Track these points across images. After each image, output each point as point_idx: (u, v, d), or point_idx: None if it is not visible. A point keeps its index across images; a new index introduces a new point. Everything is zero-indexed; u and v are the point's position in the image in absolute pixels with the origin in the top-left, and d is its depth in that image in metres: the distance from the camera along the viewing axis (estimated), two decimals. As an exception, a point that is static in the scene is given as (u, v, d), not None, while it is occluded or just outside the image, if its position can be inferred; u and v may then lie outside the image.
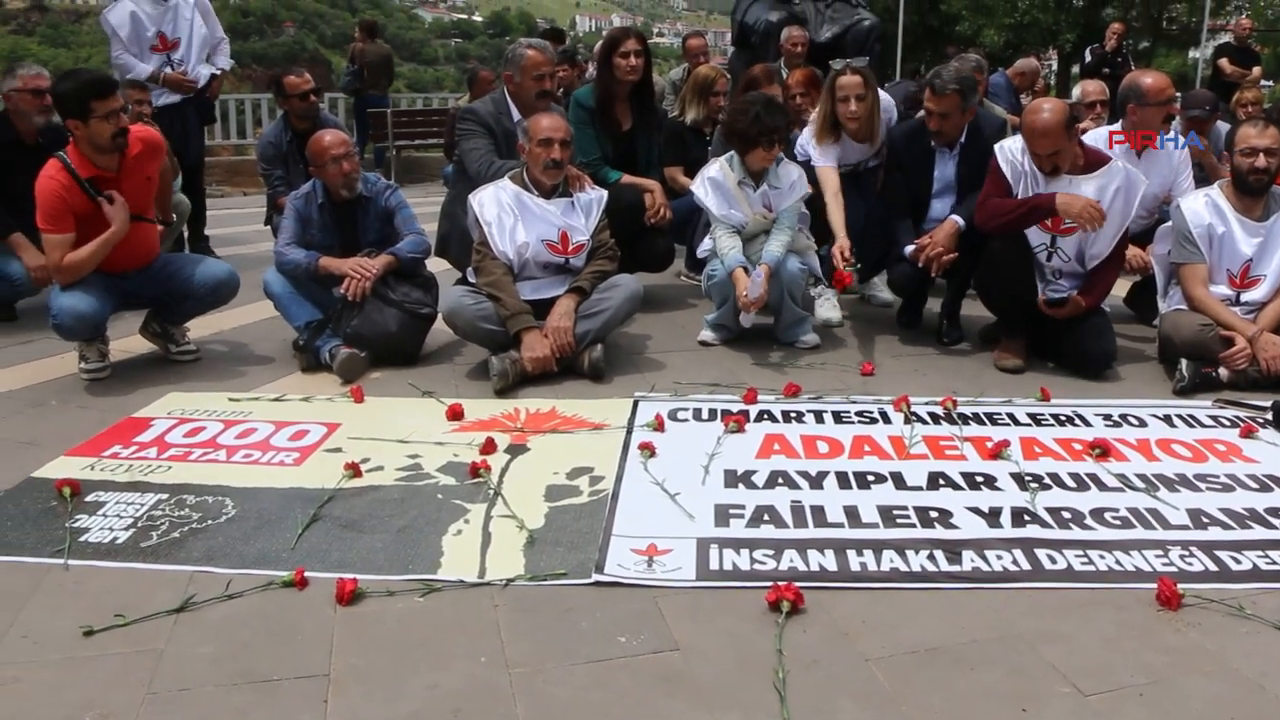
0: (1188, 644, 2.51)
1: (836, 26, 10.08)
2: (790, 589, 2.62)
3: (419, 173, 14.21)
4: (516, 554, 2.93)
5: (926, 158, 5.27)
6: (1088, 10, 28.18)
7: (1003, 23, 26.75)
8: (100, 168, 4.52)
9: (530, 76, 5.31)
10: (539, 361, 4.45)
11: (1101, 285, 4.80)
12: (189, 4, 7.37)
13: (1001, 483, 3.45)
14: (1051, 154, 4.57)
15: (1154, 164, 5.40)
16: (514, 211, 4.64)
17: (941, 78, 5.06)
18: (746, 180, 5.00)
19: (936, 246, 4.92)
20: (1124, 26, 14.09)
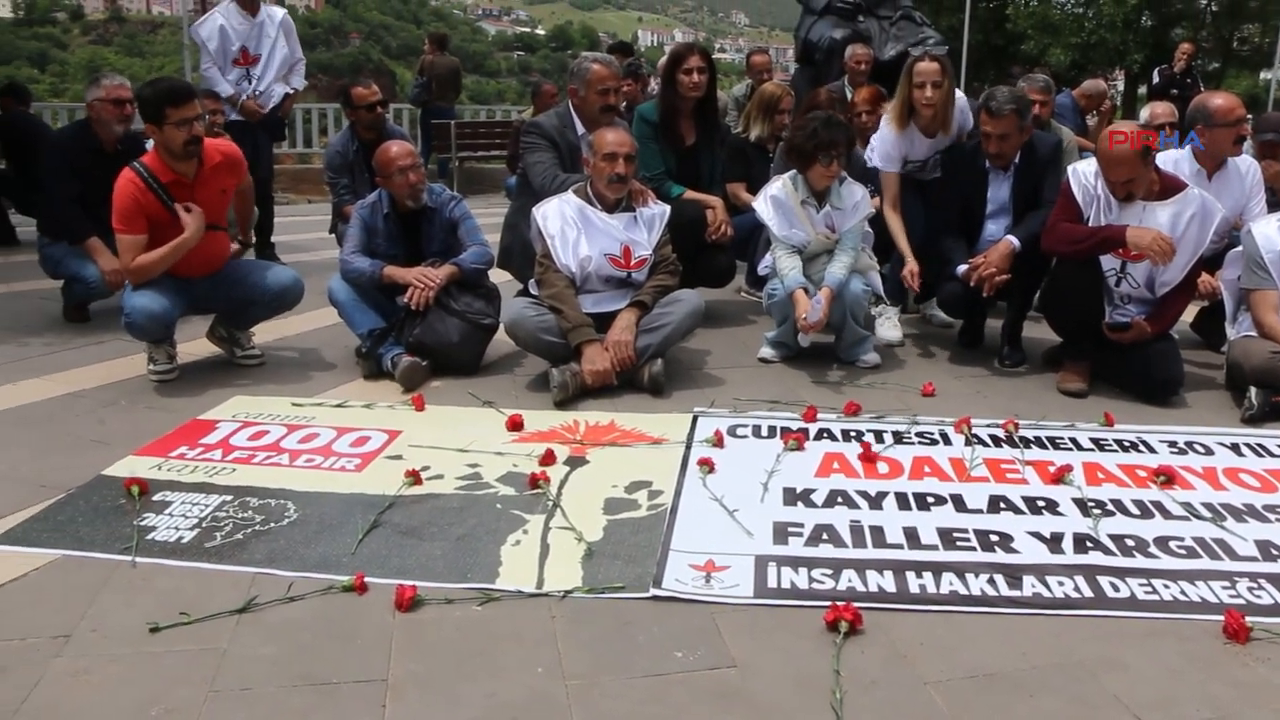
0: (1255, 679, 2.46)
1: (901, 44, 10.06)
2: (849, 609, 2.61)
3: (481, 184, 14.33)
4: (574, 566, 2.94)
5: (980, 178, 5.24)
6: (1156, 30, 27.86)
7: (1069, 42, 26.51)
8: (177, 173, 4.63)
9: (595, 91, 5.35)
10: (599, 374, 4.47)
11: (1170, 312, 4.73)
12: (274, 23, 7.62)
13: (1064, 508, 3.40)
14: (1126, 182, 4.52)
15: (1225, 187, 5.32)
16: (577, 225, 4.67)
17: (997, 99, 5.01)
18: (810, 200, 4.99)
19: (990, 266, 4.87)
20: (1193, 47, 13.89)
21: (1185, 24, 29.00)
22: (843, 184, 5.05)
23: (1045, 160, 5.19)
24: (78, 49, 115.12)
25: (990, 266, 4.87)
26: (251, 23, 7.54)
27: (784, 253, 4.99)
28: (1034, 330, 5.36)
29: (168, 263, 4.60)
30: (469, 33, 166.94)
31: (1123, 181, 4.51)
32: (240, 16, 7.51)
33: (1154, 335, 4.66)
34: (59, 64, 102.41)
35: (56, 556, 2.99)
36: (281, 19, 7.76)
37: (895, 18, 10.38)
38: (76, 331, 5.65)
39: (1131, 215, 4.58)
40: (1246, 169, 5.51)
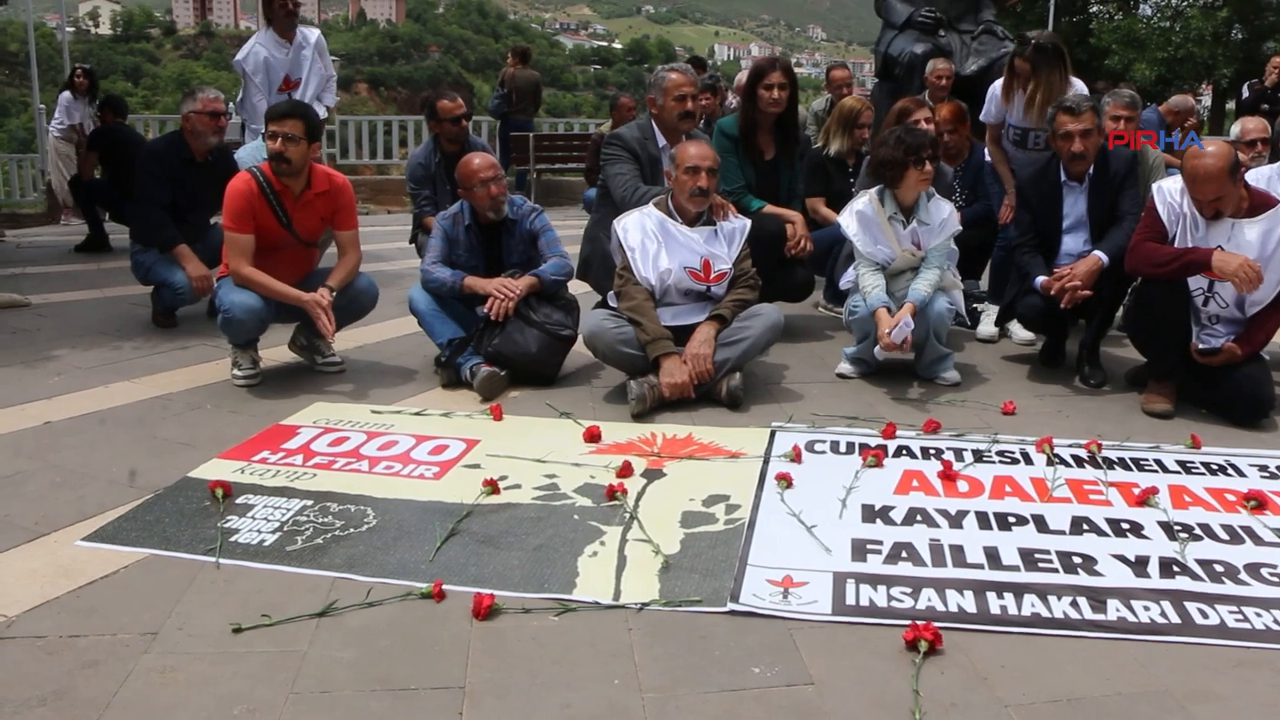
0: (1351, 712, 2.39)
1: (982, 59, 9.97)
2: (929, 628, 2.58)
3: (558, 196, 14.42)
4: (652, 578, 2.94)
5: (1055, 193, 5.19)
6: (1247, 43, 27.21)
7: (1155, 57, 26.03)
8: (283, 185, 4.80)
9: (672, 97, 5.36)
10: (677, 387, 4.48)
11: (1262, 333, 4.58)
12: (310, 45, 7.81)
13: (1149, 531, 3.33)
14: (1214, 200, 4.42)
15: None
16: (658, 238, 4.68)
17: (1071, 99, 5.03)
18: (897, 216, 4.96)
19: (1075, 279, 4.80)
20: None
21: (1277, 37, 28.29)
22: (930, 199, 5.02)
23: (1121, 173, 5.12)
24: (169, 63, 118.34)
25: (1075, 279, 4.80)
26: (290, 48, 7.73)
27: (867, 269, 4.96)
28: (1116, 349, 5.26)
29: (268, 291, 4.74)
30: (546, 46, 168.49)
31: (1210, 200, 4.42)
32: (278, 44, 7.69)
33: (1245, 357, 4.55)
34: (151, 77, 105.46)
35: (145, 555, 3.07)
36: (316, 40, 7.96)
37: (977, 32, 10.29)
38: (165, 336, 5.80)
39: (1219, 233, 4.47)
40: (1344, 186, 5.36)
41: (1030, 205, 5.26)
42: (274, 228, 4.78)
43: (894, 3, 10.52)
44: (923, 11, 10.14)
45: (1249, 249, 4.40)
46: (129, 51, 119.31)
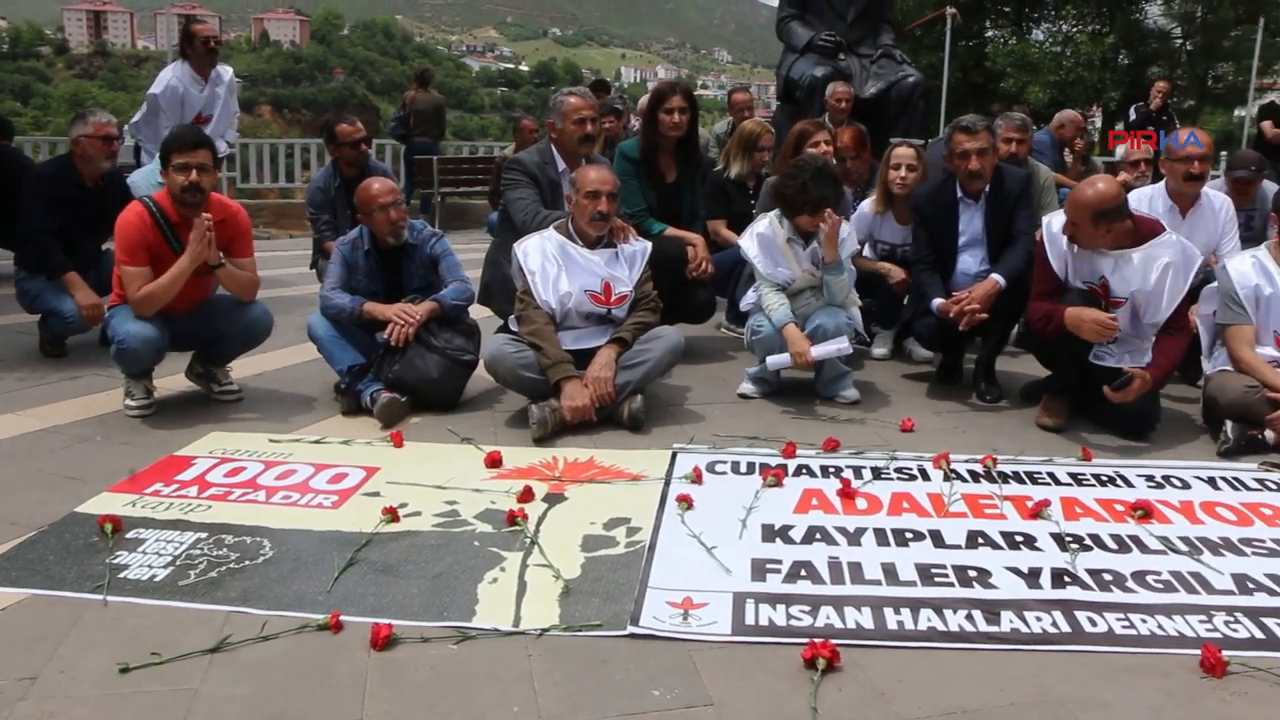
0: (1233, 713, 2.47)
1: (881, 82, 10.15)
2: (826, 646, 2.60)
3: (464, 219, 14.36)
4: (552, 604, 2.93)
5: (951, 211, 5.31)
6: (1133, 69, 28.23)
7: (1047, 80, 26.84)
8: (181, 217, 4.67)
9: (572, 121, 5.37)
10: (578, 411, 4.47)
11: (1168, 358, 4.67)
12: (224, 83, 7.75)
13: (1041, 543, 3.40)
14: (1072, 225, 4.57)
15: (1200, 223, 5.39)
16: (558, 261, 4.68)
17: (968, 118, 5.16)
18: (795, 238, 5.02)
19: (972, 302, 4.91)
20: (1169, 85, 14.03)
21: (1161, 63, 29.43)
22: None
23: (1015, 192, 5.27)
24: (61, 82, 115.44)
25: (973, 302, 4.90)
26: (206, 85, 7.68)
27: (769, 289, 5.00)
28: (1011, 365, 5.38)
29: (173, 290, 4.60)
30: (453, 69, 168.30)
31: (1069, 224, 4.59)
32: (195, 80, 7.63)
33: (1155, 383, 4.59)
34: (42, 97, 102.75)
35: (26, 596, 2.95)
36: (229, 79, 7.93)
37: (876, 56, 10.49)
38: (53, 366, 5.61)
39: (1105, 263, 4.61)
40: (1220, 205, 5.58)
41: (927, 223, 5.37)
42: (169, 259, 4.64)
43: (795, 27, 10.67)
44: (823, 36, 10.30)
45: (1134, 278, 4.55)
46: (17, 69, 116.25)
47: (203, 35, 7.73)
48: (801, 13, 10.68)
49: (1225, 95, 30.86)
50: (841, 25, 10.58)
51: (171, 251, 4.65)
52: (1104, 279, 4.62)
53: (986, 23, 31.18)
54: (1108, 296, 4.62)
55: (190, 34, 7.77)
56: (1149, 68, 28.26)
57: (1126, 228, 4.60)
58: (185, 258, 4.58)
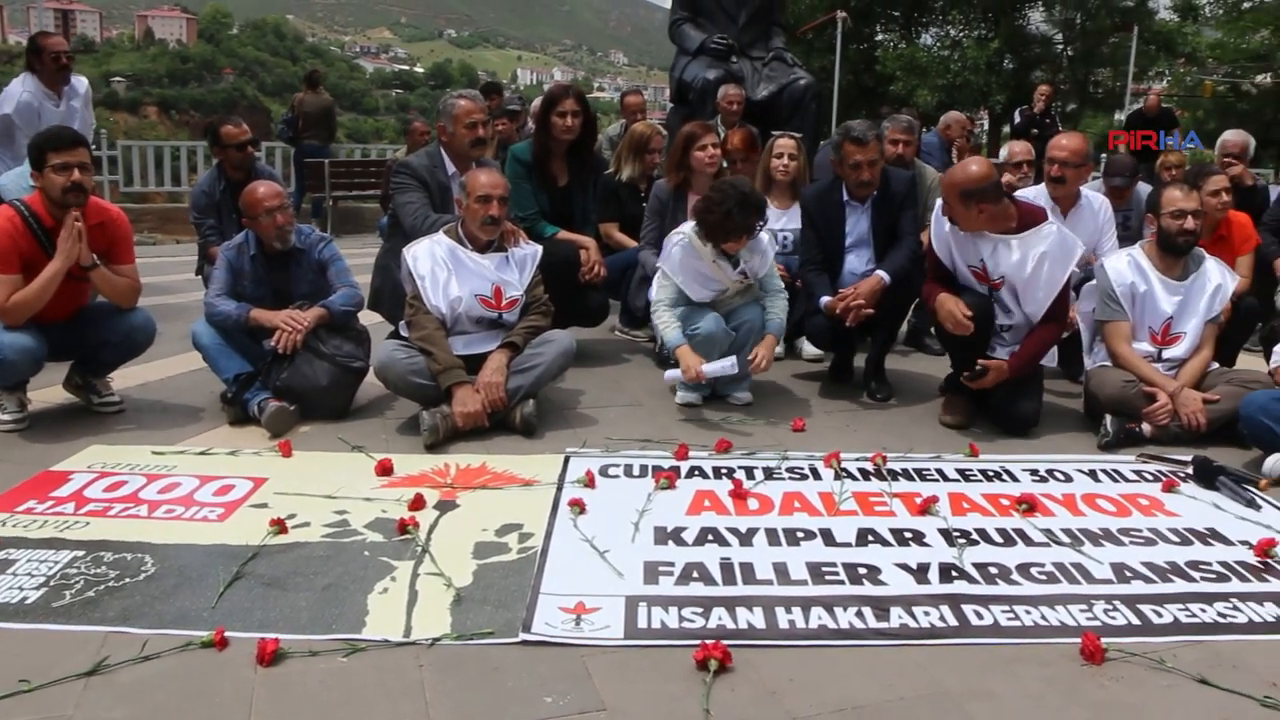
0: (1110, 698, 2.54)
1: (773, 85, 10.23)
2: (718, 647, 2.61)
3: (356, 223, 14.15)
4: (443, 612, 2.89)
5: (838, 213, 5.39)
6: (1017, 73, 29.02)
7: (935, 84, 27.49)
8: (57, 220, 4.49)
9: (463, 125, 5.32)
10: (470, 416, 4.43)
11: (1030, 348, 4.82)
12: (80, 95, 7.29)
13: (930, 539, 3.47)
14: (947, 206, 4.72)
15: (1079, 223, 5.53)
16: (448, 266, 4.63)
17: (857, 129, 5.18)
18: (721, 257, 5.03)
19: (858, 298, 4.98)
20: (1051, 89, 14.46)
21: (1044, 68, 30.29)
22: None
23: (901, 194, 5.37)
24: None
25: (858, 298, 4.98)
26: (61, 100, 7.16)
27: (664, 307, 4.98)
28: (902, 364, 5.47)
29: (43, 299, 4.44)
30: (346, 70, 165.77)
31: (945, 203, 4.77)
32: (48, 95, 7.09)
33: (1013, 374, 4.73)
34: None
35: (-117, 627, 2.80)
36: (85, 90, 7.41)
37: (768, 59, 10.56)
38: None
39: (985, 246, 4.75)
40: (1099, 206, 5.75)
41: (815, 224, 5.44)
42: (43, 264, 4.48)
43: (687, 30, 10.71)
44: (715, 38, 10.35)
45: (1012, 263, 4.69)
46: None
47: (52, 51, 7.08)
48: (693, 16, 10.72)
49: (1105, 99, 31.86)
50: (733, 28, 10.65)
51: (46, 257, 4.48)
52: (984, 262, 4.78)
53: (877, 27, 31.80)
54: (988, 278, 4.78)
55: (39, 48, 7.14)
56: (1032, 72, 29.08)
57: (1006, 211, 4.72)
58: (57, 258, 4.42)
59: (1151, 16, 30.01)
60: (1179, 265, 4.89)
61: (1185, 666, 2.67)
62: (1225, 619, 2.97)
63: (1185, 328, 4.86)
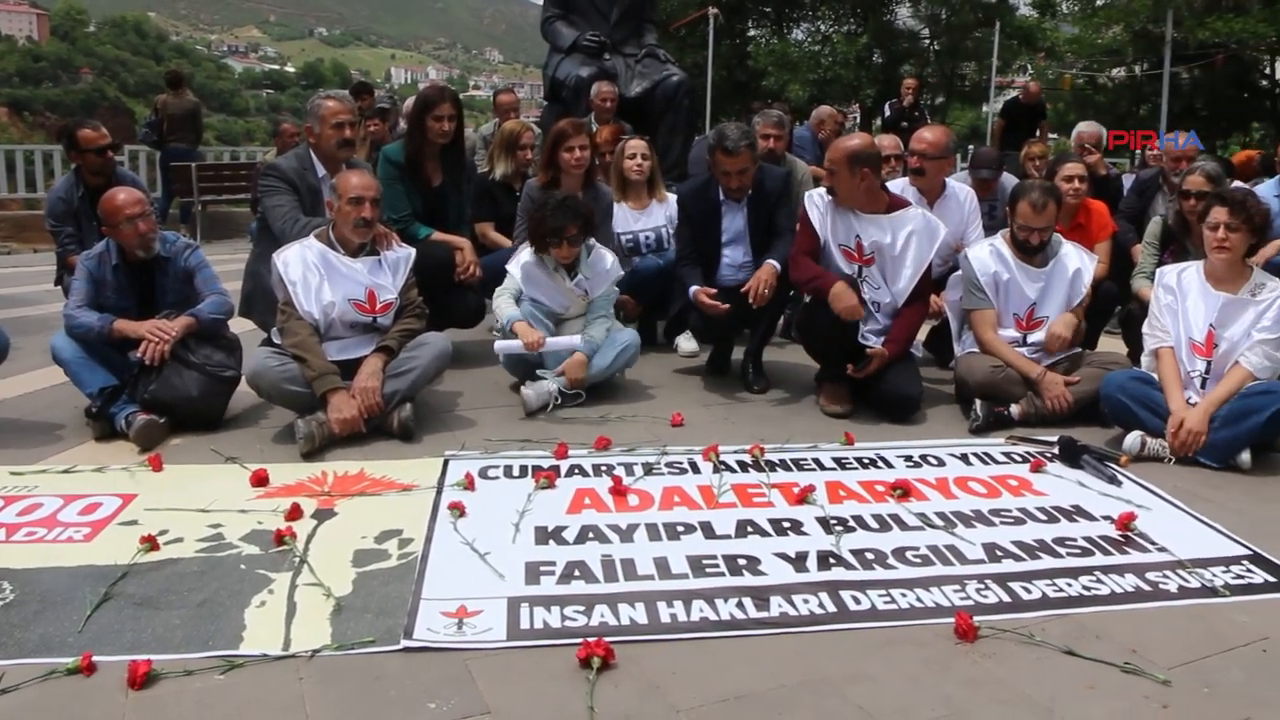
0: (983, 674, 2.62)
1: (646, 82, 10.29)
2: (600, 644, 2.62)
3: (227, 228, 13.79)
4: (323, 623, 2.84)
5: (714, 211, 5.45)
6: (886, 67, 29.65)
7: (807, 78, 27.92)
8: None
9: (330, 126, 5.24)
10: (346, 423, 4.36)
11: (901, 330, 5.00)
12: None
13: (808, 527, 3.53)
14: (829, 174, 4.90)
15: (945, 213, 5.69)
16: (320, 270, 4.55)
17: (730, 138, 5.21)
18: (559, 268, 5.14)
19: (761, 282, 5.05)
20: (917, 82, 14.80)
21: (912, 62, 30.99)
22: (591, 253, 5.23)
23: (777, 192, 5.45)
24: None
25: (761, 282, 5.04)
26: None
27: (506, 294, 5.10)
28: (778, 355, 5.55)
29: None
30: (214, 70, 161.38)
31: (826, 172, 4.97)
32: None
33: (894, 357, 4.91)
34: None
35: None
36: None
37: (640, 55, 10.62)
38: None
39: (858, 223, 4.94)
40: (965, 197, 5.93)
41: (691, 221, 5.49)
42: None
43: (559, 27, 10.70)
44: (587, 36, 10.37)
45: (884, 239, 4.93)
46: None
47: None
48: (566, 13, 10.73)
49: (971, 93, 32.77)
50: (605, 25, 10.68)
51: None
52: (858, 239, 4.93)
53: (749, 22, 32.16)
54: (860, 256, 4.94)
55: None
56: (901, 66, 29.68)
57: (879, 189, 4.96)
58: None
59: (1012, 12, 30.95)
60: (1039, 253, 5.06)
61: (1053, 639, 2.77)
62: (1090, 592, 3.09)
63: (1048, 312, 5.04)
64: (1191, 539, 3.51)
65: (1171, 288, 4.63)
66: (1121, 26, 27.67)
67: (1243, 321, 4.43)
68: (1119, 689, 2.56)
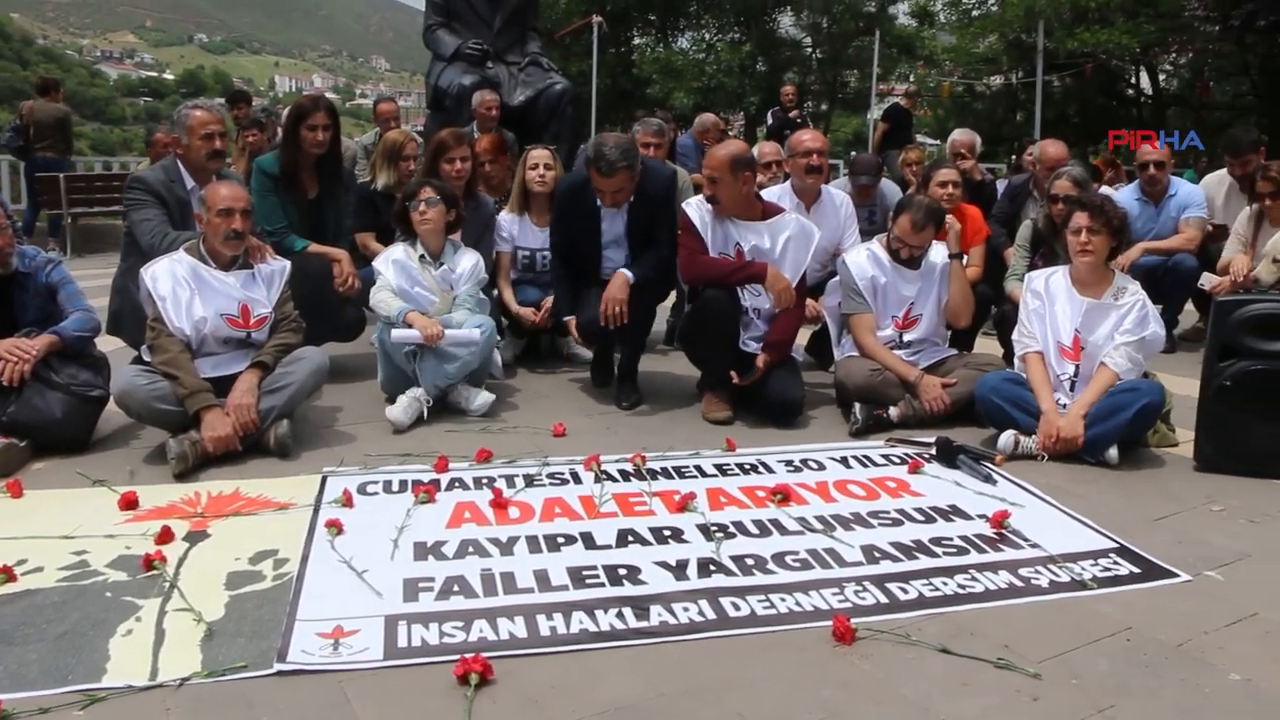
0: (860, 676, 2.66)
1: (530, 90, 10.28)
2: (478, 660, 2.59)
3: (100, 241, 13.33)
4: (193, 650, 2.75)
5: (593, 214, 5.37)
6: (770, 75, 30.06)
7: (692, 86, 28.12)
8: None
9: (198, 136, 5.10)
10: (221, 441, 4.25)
11: (777, 334, 5.06)
12: None
13: (688, 535, 3.54)
14: (711, 182, 4.94)
15: (822, 218, 5.79)
16: (190, 285, 4.43)
17: (607, 158, 5.06)
18: (427, 260, 5.12)
19: (610, 303, 5.01)
20: (795, 89, 15.00)
21: (795, 70, 31.46)
22: (457, 251, 5.24)
23: (658, 197, 5.36)
24: None
25: (609, 304, 5.01)
26: None
27: (385, 291, 5.06)
28: (661, 364, 5.56)
29: None
30: (87, 76, 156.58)
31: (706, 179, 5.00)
32: None
33: (776, 362, 4.98)
34: None
35: None
36: None
37: (524, 64, 10.60)
38: None
39: (736, 231, 5.01)
40: (841, 202, 6.04)
41: (568, 222, 5.45)
42: None
43: (442, 35, 10.62)
44: (470, 43, 10.31)
45: (763, 244, 5.01)
46: None
47: None
48: (448, 21, 10.66)
49: (853, 100, 33.35)
50: (488, 33, 10.63)
51: None
52: (738, 246, 4.99)
53: (633, 31, 32.25)
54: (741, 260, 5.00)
55: None
56: (784, 74, 30.13)
57: (755, 197, 5.05)
58: None
59: (892, 21, 31.63)
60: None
61: (928, 638, 2.82)
62: (965, 590, 3.16)
63: (924, 310, 5.19)
64: (1062, 534, 3.62)
65: (1039, 293, 4.77)
66: (996, 36, 28.43)
67: (1107, 325, 4.59)
68: (991, 684, 2.62)
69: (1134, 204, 6.98)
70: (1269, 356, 4.24)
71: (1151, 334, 4.59)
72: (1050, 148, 7.14)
